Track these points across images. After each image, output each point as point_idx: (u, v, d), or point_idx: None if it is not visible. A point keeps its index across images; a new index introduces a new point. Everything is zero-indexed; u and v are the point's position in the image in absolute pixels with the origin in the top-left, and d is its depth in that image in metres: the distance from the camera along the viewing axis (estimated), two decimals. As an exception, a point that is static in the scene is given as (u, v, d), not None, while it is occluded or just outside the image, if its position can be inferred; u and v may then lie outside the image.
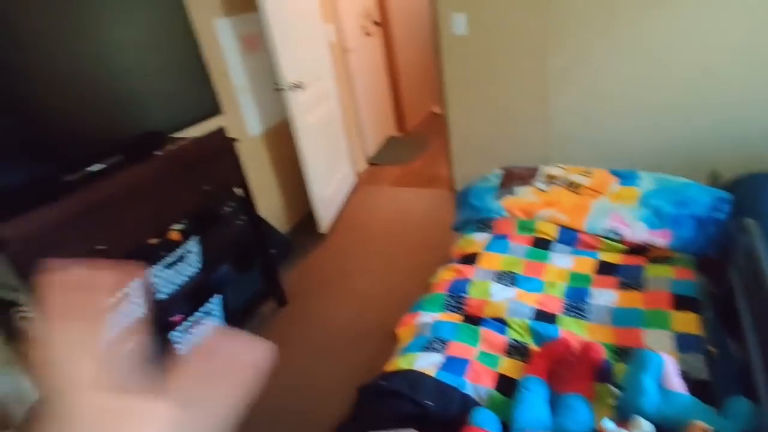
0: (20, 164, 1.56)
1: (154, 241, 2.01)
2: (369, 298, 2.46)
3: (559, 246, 1.78)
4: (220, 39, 2.57)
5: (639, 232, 1.69)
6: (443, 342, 1.43)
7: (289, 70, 2.63)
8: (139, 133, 1.89)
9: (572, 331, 1.43)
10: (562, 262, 1.70)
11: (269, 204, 3.02)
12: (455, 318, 1.55)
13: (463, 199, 2.12)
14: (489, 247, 1.78)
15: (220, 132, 2.00)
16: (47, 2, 1.58)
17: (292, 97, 2.67)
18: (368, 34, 4.18)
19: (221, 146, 2.01)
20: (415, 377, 1.31)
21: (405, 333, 1.56)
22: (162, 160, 1.78)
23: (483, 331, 1.45)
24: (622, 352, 1.33)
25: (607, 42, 2.59)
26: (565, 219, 1.81)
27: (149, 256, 1.91)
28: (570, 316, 1.49)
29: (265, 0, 2.42)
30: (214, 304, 2.09)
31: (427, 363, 1.35)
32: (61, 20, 1.63)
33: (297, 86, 2.67)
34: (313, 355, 2.15)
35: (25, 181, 1.55)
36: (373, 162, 4.19)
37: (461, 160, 3.31)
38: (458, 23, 2.81)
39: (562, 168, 2.03)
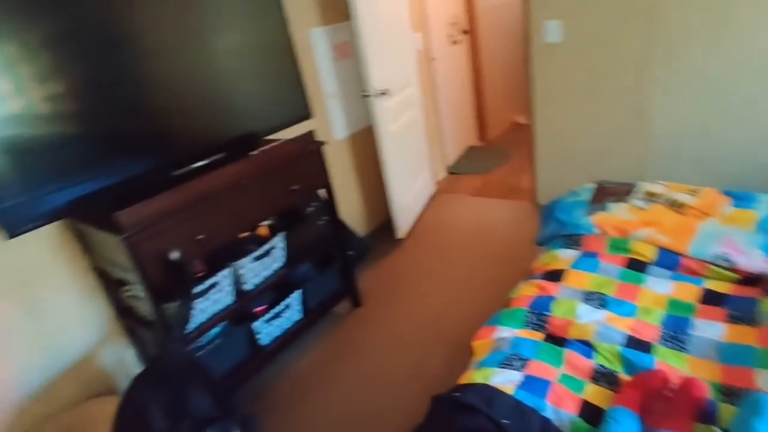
0: (137, 159, 1.74)
1: (244, 234, 2.14)
2: (443, 307, 2.43)
3: (657, 269, 1.64)
4: (314, 47, 2.69)
5: (755, 260, 1.51)
6: (523, 360, 1.37)
7: (376, 77, 2.69)
8: (239, 134, 2.03)
9: (670, 363, 1.30)
10: (660, 287, 1.56)
11: (350, 207, 3.10)
12: (536, 336, 1.47)
13: (549, 212, 2.03)
14: (576, 265, 1.68)
15: (310, 135, 2.09)
16: (166, 16, 1.75)
17: (378, 104, 2.72)
18: (455, 43, 4.17)
19: (310, 149, 2.10)
20: (491, 393, 1.26)
21: (481, 346, 1.52)
22: (257, 159, 1.89)
23: (567, 353, 1.37)
24: (729, 393, 1.19)
25: (717, 53, 2.36)
26: (666, 240, 1.66)
27: (239, 248, 2.04)
28: (667, 346, 1.36)
29: (358, 10, 2.49)
30: (294, 299, 2.18)
31: (505, 380, 1.30)
32: (176, 32, 1.80)
33: (383, 93, 2.72)
34: (385, 358, 2.16)
35: (140, 174, 1.73)
36: (453, 171, 4.15)
37: (546, 173, 3.18)
38: (552, 31, 2.71)
39: (664, 185, 1.87)
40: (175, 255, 1.55)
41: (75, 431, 1.74)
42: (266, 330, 2.08)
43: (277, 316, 2.10)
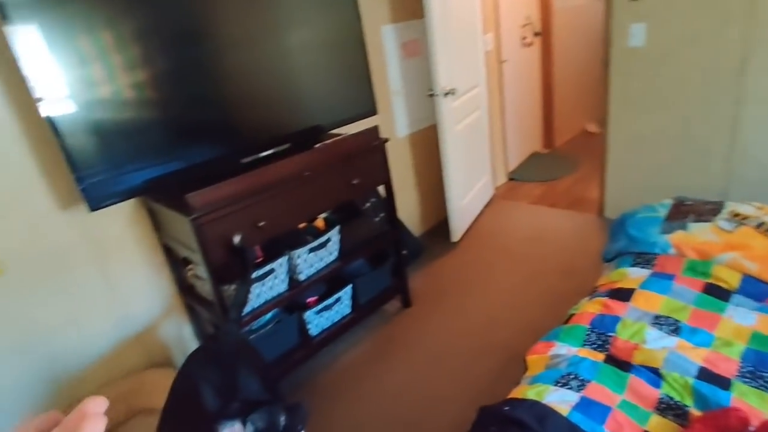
0: (208, 146, 1.81)
1: (302, 225, 2.18)
2: (495, 315, 2.35)
3: (741, 298, 1.49)
4: (385, 44, 2.69)
5: None
6: (580, 380, 1.28)
7: (444, 77, 2.65)
8: (305, 127, 2.07)
9: (749, 402, 1.18)
10: (744, 319, 1.41)
11: (406, 206, 3.09)
12: (596, 356, 1.38)
13: (619, 226, 1.90)
14: (647, 285, 1.56)
15: (374, 130, 2.10)
16: (244, 11, 1.81)
17: (444, 104, 2.68)
18: (527, 45, 4.03)
19: (374, 144, 2.10)
20: (543, 411, 1.20)
21: (536, 361, 1.45)
22: (322, 151, 1.92)
23: (632, 378, 1.27)
24: (822, 445, 1.05)
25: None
26: (754, 267, 1.50)
27: (297, 238, 2.08)
28: (748, 383, 1.23)
29: (432, 9, 2.47)
30: (345, 293, 2.19)
31: (559, 399, 1.23)
32: (254, 26, 1.85)
33: (450, 93, 2.68)
34: (432, 361, 2.12)
35: (210, 160, 1.80)
36: (514, 177, 4.02)
37: (616, 185, 3.00)
38: (636, 34, 2.55)
39: (756, 206, 1.69)
40: (238, 239, 1.60)
41: (131, 397, 1.85)
42: (316, 321, 2.10)
43: (327, 308, 2.13)
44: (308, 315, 2.06)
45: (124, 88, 1.55)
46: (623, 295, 1.56)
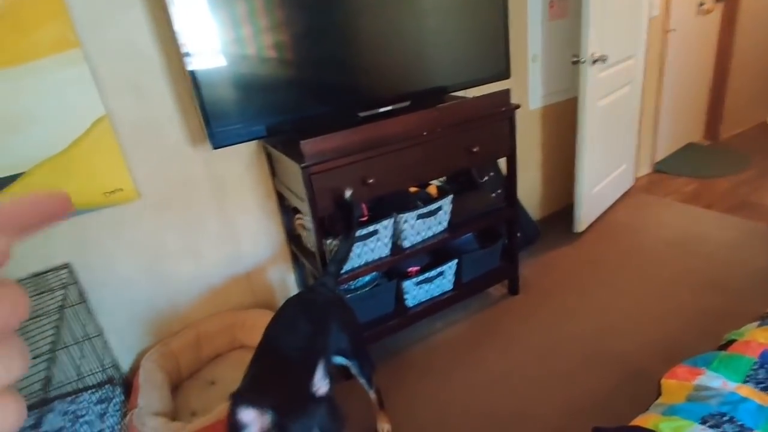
0: (330, 98, 1.76)
1: (414, 189, 2.07)
2: (615, 322, 2.03)
3: None
4: (529, 1, 2.40)
5: None
6: (739, 426, 1.00)
7: (595, 40, 2.28)
8: (429, 87, 1.92)
9: None
10: None
11: (527, 185, 2.81)
12: (764, 399, 1.07)
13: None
14: None
15: (505, 94, 1.87)
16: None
17: (591, 73, 2.32)
18: (706, 13, 3.35)
19: (502, 110, 1.88)
20: (681, 452, 0.95)
21: (674, 388, 1.17)
22: (444, 111, 1.76)
23: (818, 439, 0.95)
24: None
25: None
26: None
27: (406, 202, 1.97)
28: None
29: (593, -44, 2.11)
30: (449, 267, 2.05)
31: (705, 442, 0.97)
32: None
33: (600, 60, 2.31)
34: (535, 359, 1.90)
35: (331, 111, 1.75)
36: (661, 169, 3.46)
37: (806, 192, 2.38)
38: None
39: None
40: (349, 194, 1.53)
41: (233, 330, 1.94)
42: (414, 292, 2.00)
43: (428, 281, 2.01)
44: (407, 284, 1.96)
45: (262, 46, 1.56)
46: (814, 329, 1.19)
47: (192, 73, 1.47)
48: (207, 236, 1.87)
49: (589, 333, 1.99)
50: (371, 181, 1.64)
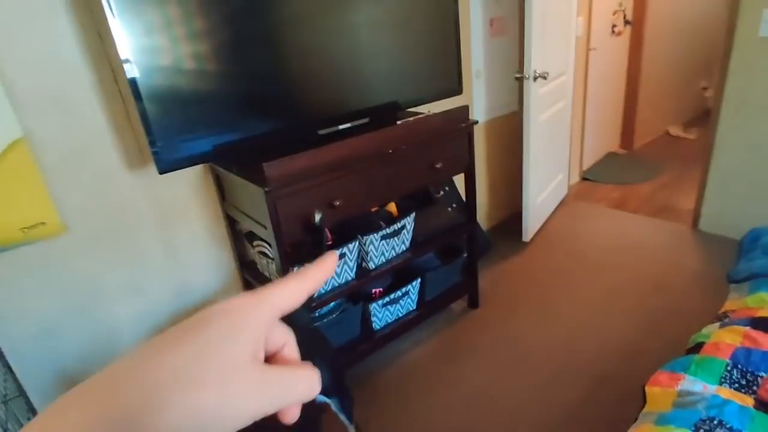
0: (284, 115, 1.65)
1: (374, 208, 2.00)
2: (576, 328, 2.10)
3: None
4: (471, 19, 2.45)
5: None
6: (728, 429, 1.04)
7: (537, 58, 2.39)
8: (383, 102, 1.88)
9: None
10: None
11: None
12: (743, 399, 1.13)
13: (751, 243, 1.61)
14: (802, 318, 1.29)
15: (464, 110, 1.88)
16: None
17: (533, 89, 2.42)
18: (617, 34, 3.67)
19: (462, 126, 1.88)
20: (684, 463, 0.96)
21: (659, 396, 1.21)
22: (406, 128, 1.72)
23: (800, 435, 1.01)
24: None
25: None
26: None
27: (369, 223, 1.89)
28: None
29: (533, -21, 2.20)
30: (413, 286, 2.00)
31: (702, 449, 0.99)
32: (335, 6, 1.66)
33: (541, 77, 2.41)
34: (503, 372, 1.90)
35: (286, 128, 1.64)
36: (588, 177, 3.70)
37: (718, 197, 2.65)
38: (771, 21, 2.19)
39: None
40: (318, 217, 1.43)
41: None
42: (380, 314, 1.92)
43: (393, 301, 1.94)
44: (374, 307, 1.88)
45: (203, 55, 1.41)
46: (771, 326, 1.28)
47: (133, 83, 1.29)
48: (150, 270, 1.66)
49: (553, 342, 2.04)
50: (338, 203, 1.55)
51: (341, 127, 1.76)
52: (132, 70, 1.29)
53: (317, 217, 1.43)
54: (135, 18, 1.26)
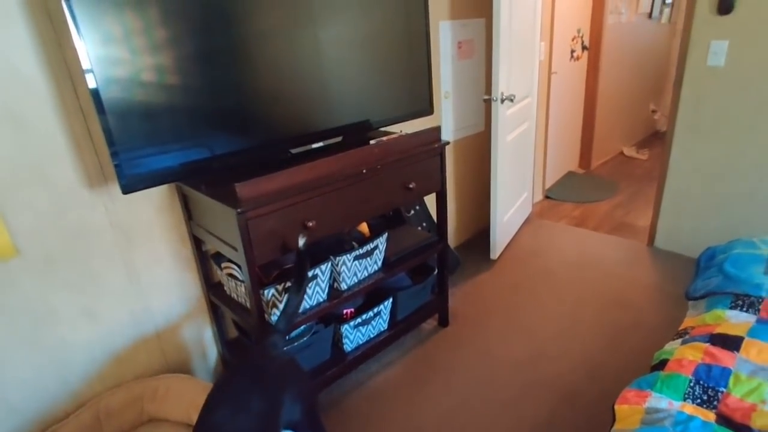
0: (259, 132, 1.61)
1: (347, 229, 1.98)
2: (543, 344, 2.14)
3: None
4: (441, 41, 2.50)
5: None
6: (695, 445, 1.07)
7: (504, 81, 2.46)
8: (357, 121, 1.88)
9: None
10: None
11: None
12: (705, 415, 1.17)
13: (708, 261, 1.70)
14: (757, 334, 1.36)
15: (436, 131, 1.90)
16: (298, 7, 1.62)
17: (501, 110, 2.48)
18: (577, 58, 3.85)
19: (434, 147, 1.90)
20: (656, 482, 0.99)
21: (628, 413, 1.23)
22: (382, 148, 1.72)
23: (760, 449, 1.06)
24: None
25: None
26: None
27: (341, 243, 1.87)
28: None
29: (501, 7, 2.28)
30: (385, 306, 1.98)
31: (672, 467, 1.02)
32: (309, 13, 1.66)
33: (508, 99, 2.48)
34: (473, 389, 1.91)
35: (259, 147, 1.61)
36: (550, 195, 3.82)
37: (672, 215, 2.79)
38: (717, 53, 2.35)
39: None
40: (302, 241, 1.39)
41: (141, 402, 1.64)
42: (352, 336, 1.90)
43: (365, 322, 1.92)
44: (345, 328, 1.85)
45: (170, 68, 1.36)
46: (730, 343, 1.34)
47: (95, 94, 1.23)
48: (108, 293, 1.57)
49: (522, 359, 2.06)
50: (311, 224, 1.53)
51: (314, 146, 1.74)
52: (94, 81, 1.23)
53: (301, 241, 1.39)
54: (99, 26, 1.20)
